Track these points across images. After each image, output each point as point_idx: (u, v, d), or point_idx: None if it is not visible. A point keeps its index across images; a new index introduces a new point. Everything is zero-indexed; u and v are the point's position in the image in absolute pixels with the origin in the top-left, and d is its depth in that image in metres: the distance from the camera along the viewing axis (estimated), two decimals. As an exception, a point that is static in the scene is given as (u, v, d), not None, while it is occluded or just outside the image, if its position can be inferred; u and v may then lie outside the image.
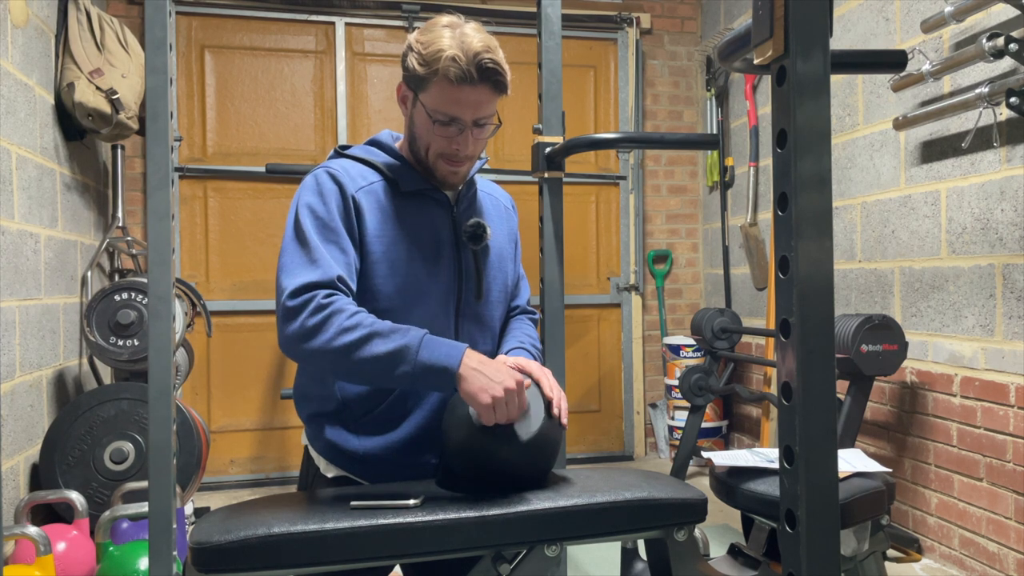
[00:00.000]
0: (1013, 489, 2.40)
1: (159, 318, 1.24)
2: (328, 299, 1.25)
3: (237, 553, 1.11)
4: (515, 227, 1.64)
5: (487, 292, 1.49)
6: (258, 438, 3.95)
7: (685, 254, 4.55)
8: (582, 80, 4.38)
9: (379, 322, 1.26)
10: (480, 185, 1.60)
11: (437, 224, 1.46)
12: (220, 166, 3.92)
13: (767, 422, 3.69)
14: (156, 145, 1.24)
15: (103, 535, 2.36)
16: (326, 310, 1.24)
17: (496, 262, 1.52)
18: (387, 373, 1.23)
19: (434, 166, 1.44)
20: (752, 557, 1.71)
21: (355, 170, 1.44)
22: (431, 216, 1.46)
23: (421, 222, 1.44)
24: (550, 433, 1.30)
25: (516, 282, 1.63)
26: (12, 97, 2.57)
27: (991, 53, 2.27)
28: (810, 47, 0.78)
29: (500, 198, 1.64)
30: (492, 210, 1.58)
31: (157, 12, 1.24)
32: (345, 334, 1.23)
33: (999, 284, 2.45)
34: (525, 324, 1.61)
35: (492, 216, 1.56)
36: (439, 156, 1.42)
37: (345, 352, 1.23)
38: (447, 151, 1.41)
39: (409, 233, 1.42)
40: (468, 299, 1.47)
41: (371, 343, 1.23)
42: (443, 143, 1.40)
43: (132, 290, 2.87)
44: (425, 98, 1.38)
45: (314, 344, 1.24)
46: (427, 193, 1.46)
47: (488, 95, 1.38)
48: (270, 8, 3.96)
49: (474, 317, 1.48)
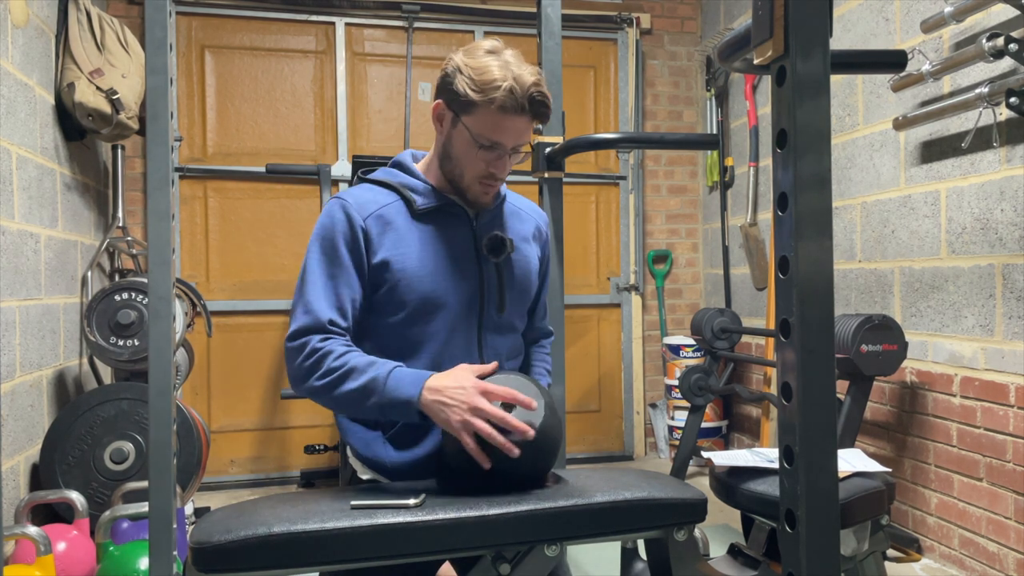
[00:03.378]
0: (1013, 489, 2.40)
1: (159, 318, 1.24)
2: (321, 343, 1.35)
3: (237, 553, 1.11)
4: (544, 243, 1.65)
5: (510, 304, 1.52)
6: (258, 438, 3.95)
7: (685, 254, 4.55)
8: (582, 80, 4.38)
9: (360, 358, 1.34)
10: (510, 199, 1.61)
11: (458, 238, 1.48)
12: (220, 166, 3.92)
13: (767, 422, 3.69)
14: (156, 145, 1.25)
15: (103, 535, 2.36)
16: (317, 354, 1.34)
17: (520, 275, 1.54)
18: (362, 405, 1.33)
19: (468, 187, 1.47)
20: (752, 557, 1.71)
21: (369, 196, 1.47)
22: (451, 231, 1.48)
23: (440, 237, 1.47)
24: (551, 432, 1.30)
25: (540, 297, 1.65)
26: (12, 97, 2.57)
27: (991, 53, 2.27)
28: (810, 47, 0.79)
29: (531, 213, 1.65)
30: (518, 224, 1.59)
31: (157, 12, 1.24)
32: (330, 374, 1.33)
33: (999, 284, 2.45)
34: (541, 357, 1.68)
35: (517, 230, 1.57)
36: (476, 178, 1.45)
37: (331, 389, 1.33)
38: (484, 174, 1.44)
39: (428, 249, 1.45)
40: (490, 311, 1.49)
41: (348, 379, 1.32)
42: (482, 167, 1.44)
43: (132, 290, 2.87)
44: (470, 122, 1.40)
45: (308, 384, 1.35)
46: (445, 209, 1.49)
47: (530, 124, 1.43)
48: (270, 8, 3.96)
49: (496, 328, 1.51)
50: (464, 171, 1.45)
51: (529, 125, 1.43)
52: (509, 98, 1.36)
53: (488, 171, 1.44)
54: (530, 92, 1.38)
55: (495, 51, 1.41)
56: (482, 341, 1.48)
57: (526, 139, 1.44)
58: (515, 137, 1.42)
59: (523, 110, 1.39)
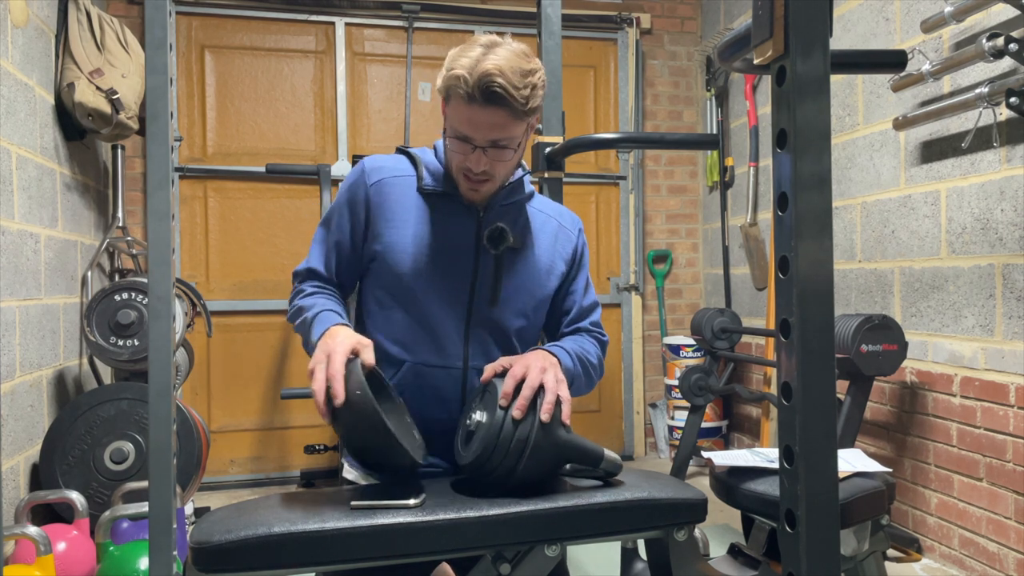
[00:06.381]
0: (1013, 489, 2.40)
1: (159, 318, 1.24)
2: (300, 284, 1.52)
3: (237, 553, 1.11)
4: (573, 248, 1.57)
5: (505, 301, 1.46)
6: (258, 438, 3.95)
7: (685, 254, 4.55)
8: (582, 80, 4.38)
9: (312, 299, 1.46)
10: (535, 202, 1.57)
11: (460, 226, 1.47)
12: (220, 166, 3.92)
13: (767, 422, 3.69)
14: (156, 145, 1.24)
15: (103, 535, 2.36)
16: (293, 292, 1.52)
17: (526, 272, 1.49)
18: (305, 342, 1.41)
19: (457, 179, 1.46)
20: (752, 557, 1.71)
21: (391, 163, 1.52)
22: (454, 217, 1.47)
23: (443, 220, 1.46)
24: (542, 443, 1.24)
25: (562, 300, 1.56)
26: (12, 97, 2.57)
27: (991, 53, 2.27)
28: (810, 47, 0.78)
29: (557, 218, 1.58)
30: (538, 224, 1.54)
31: (157, 12, 1.24)
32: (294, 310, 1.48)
33: (999, 284, 2.45)
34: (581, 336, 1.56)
35: (535, 230, 1.53)
36: (458, 171, 1.44)
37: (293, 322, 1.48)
38: (462, 167, 1.42)
39: (427, 227, 1.45)
40: (480, 304, 1.45)
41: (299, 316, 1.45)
42: (459, 158, 1.42)
43: (132, 290, 2.87)
44: (447, 112, 1.41)
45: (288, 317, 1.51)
46: (453, 196, 1.48)
47: (503, 118, 1.35)
48: (270, 8, 3.96)
49: (487, 324, 1.46)
50: (450, 163, 1.46)
51: (503, 119, 1.35)
52: (465, 88, 1.33)
53: (464, 164, 1.41)
54: (483, 82, 1.31)
55: (488, 44, 1.37)
56: (469, 335, 1.45)
57: (503, 134, 1.37)
58: (485, 131, 1.37)
59: (477, 100, 1.33)
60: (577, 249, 1.58)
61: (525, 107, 1.35)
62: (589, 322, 1.58)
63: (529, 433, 1.22)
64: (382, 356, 1.43)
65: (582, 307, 1.58)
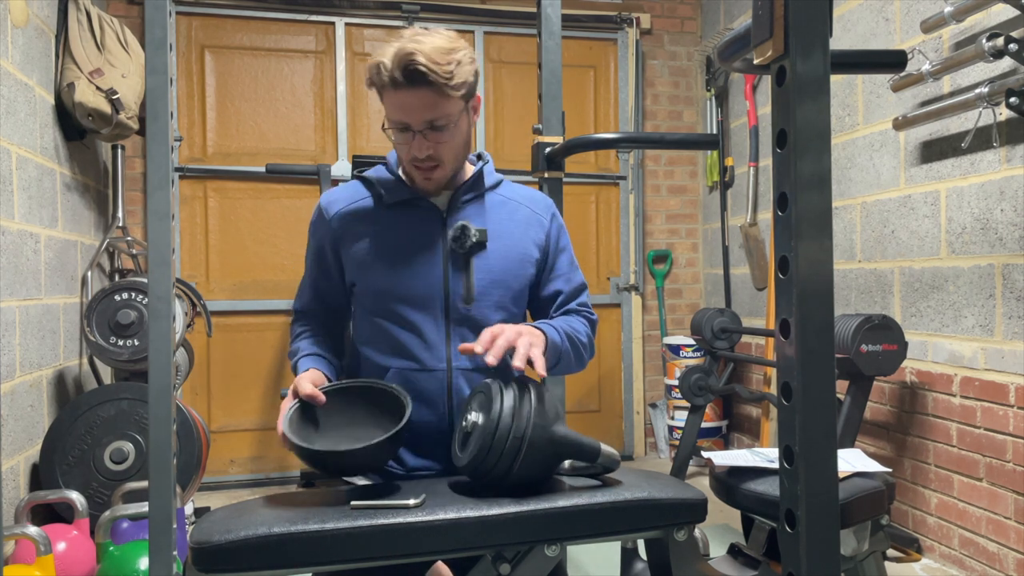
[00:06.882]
0: (1013, 489, 2.40)
1: (159, 318, 1.24)
2: (293, 324, 1.61)
3: (237, 553, 1.11)
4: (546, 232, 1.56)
5: (482, 296, 1.46)
6: (258, 438, 3.95)
7: (685, 254, 4.55)
8: (582, 80, 4.38)
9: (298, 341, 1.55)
10: (501, 190, 1.57)
11: (425, 230, 1.48)
12: (220, 166, 3.92)
13: (767, 422, 3.69)
14: (156, 145, 1.24)
15: (103, 535, 2.36)
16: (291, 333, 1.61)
17: (500, 265, 1.49)
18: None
19: (410, 174, 1.48)
20: (752, 557, 1.71)
21: (347, 192, 1.55)
22: (418, 224, 1.48)
23: (407, 230, 1.48)
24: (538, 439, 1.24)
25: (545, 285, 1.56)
26: (12, 97, 2.57)
27: (991, 53, 2.27)
28: (810, 47, 0.78)
29: (528, 204, 1.58)
30: (506, 214, 1.53)
31: (157, 12, 1.24)
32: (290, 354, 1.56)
33: (999, 284, 2.45)
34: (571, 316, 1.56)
35: (503, 221, 1.52)
36: (408, 163, 1.45)
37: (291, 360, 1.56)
38: (409, 156, 1.43)
39: (394, 241, 1.47)
40: (456, 304, 1.46)
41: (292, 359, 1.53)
42: (403, 149, 1.43)
43: (132, 290, 2.87)
44: (384, 105, 1.43)
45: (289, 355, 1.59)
46: (414, 203, 1.49)
47: (432, 97, 1.36)
48: (270, 8, 3.96)
49: (467, 322, 1.47)
50: (401, 159, 1.48)
51: (431, 99, 1.35)
52: (388, 73, 1.35)
53: (411, 153, 1.41)
54: (404, 63, 1.33)
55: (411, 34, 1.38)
56: (450, 333, 1.46)
57: (435, 113, 1.37)
58: (418, 113, 1.37)
59: (401, 83, 1.34)
60: (550, 233, 1.57)
61: (450, 82, 1.35)
62: (577, 303, 1.58)
63: (525, 430, 1.22)
64: (370, 367, 1.48)
65: (568, 290, 1.58)
